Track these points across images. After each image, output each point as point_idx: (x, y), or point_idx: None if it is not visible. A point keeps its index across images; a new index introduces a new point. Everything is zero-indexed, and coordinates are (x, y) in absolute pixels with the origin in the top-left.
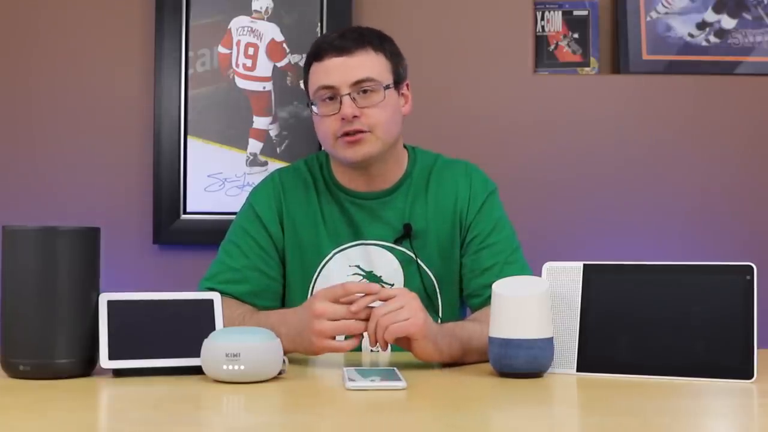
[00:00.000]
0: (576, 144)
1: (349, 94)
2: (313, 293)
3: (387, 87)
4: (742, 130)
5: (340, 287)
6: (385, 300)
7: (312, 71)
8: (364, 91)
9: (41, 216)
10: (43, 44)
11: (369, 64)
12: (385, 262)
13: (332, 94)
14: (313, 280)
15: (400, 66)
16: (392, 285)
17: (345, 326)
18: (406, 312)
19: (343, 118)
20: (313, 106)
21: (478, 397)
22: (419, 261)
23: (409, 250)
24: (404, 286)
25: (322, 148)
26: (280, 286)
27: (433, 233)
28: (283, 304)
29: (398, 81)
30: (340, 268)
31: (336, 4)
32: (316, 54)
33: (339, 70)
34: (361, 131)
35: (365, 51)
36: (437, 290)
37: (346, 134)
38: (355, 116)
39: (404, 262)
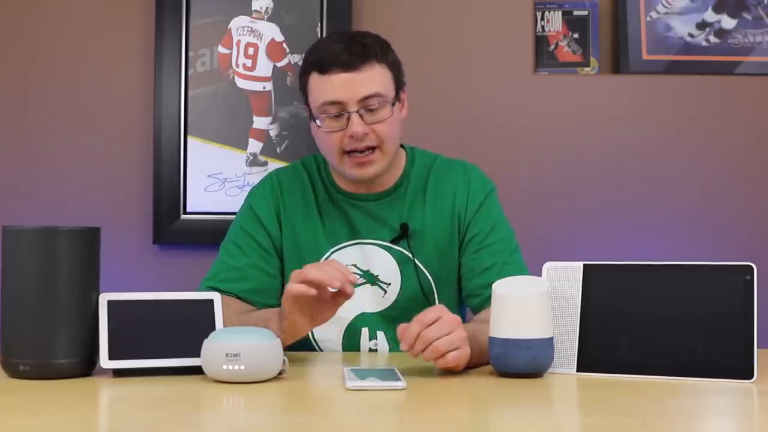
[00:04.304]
0: (576, 144)
1: (357, 111)
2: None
3: (393, 103)
4: (742, 130)
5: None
6: (429, 323)
7: (315, 83)
8: (371, 109)
9: (41, 216)
10: (44, 44)
11: (376, 78)
12: (382, 262)
13: (339, 111)
14: None
15: (400, 73)
16: (389, 284)
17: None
18: (458, 339)
19: (351, 136)
20: (316, 121)
21: (478, 397)
22: (416, 261)
23: (407, 250)
24: (401, 285)
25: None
26: (280, 284)
27: (431, 233)
28: None
29: (398, 89)
30: None
31: (336, 4)
32: (320, 66)
33: (346, 86)
34: (370, 147)
35: (371, 65)
36: (434, 290)
37: (354, 151)
38: (364, 133)
39: (401, 261)
